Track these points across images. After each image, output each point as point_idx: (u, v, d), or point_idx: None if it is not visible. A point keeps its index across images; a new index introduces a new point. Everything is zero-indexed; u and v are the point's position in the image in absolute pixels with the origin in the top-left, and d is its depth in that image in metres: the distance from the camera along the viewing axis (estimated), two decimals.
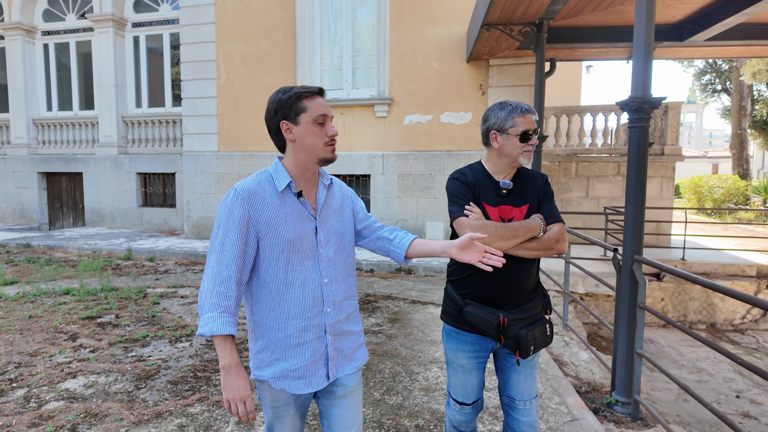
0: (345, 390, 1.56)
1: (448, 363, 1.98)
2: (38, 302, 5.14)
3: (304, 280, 1.47)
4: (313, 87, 1.48)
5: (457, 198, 1.85)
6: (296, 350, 1.47)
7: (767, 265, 7.02)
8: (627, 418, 3.06)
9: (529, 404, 1.90)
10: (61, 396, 3.08)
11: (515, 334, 1.77)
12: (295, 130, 1.45)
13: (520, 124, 1.80)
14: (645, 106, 3.02)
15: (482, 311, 1.79)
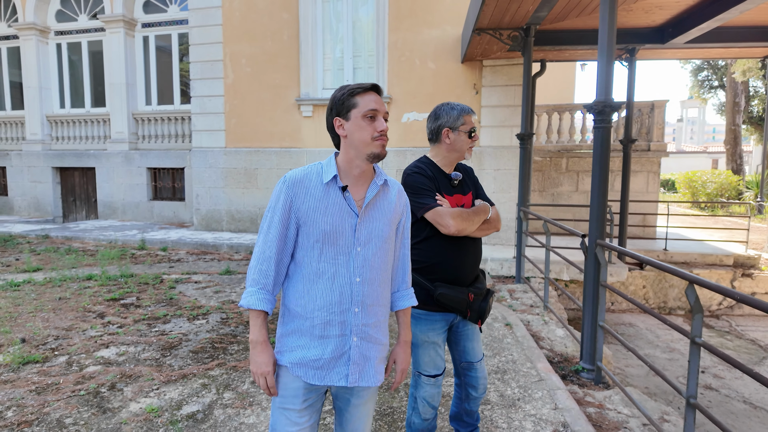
0: (360, 399, 1.57)
1: (419, 345, 2.09)
2: (65, 286, 5.61)
3: (334, 273, 1.47)
4: (367, 83, 1.49)
5: (425, 190, 2.03)
6: (319, 341, 1.48)
7: (744, 255, 7.44)
8: (591, 383, 3.50)
9: (482, 362, 2.23)
10: (98, 362, 3.55)
11: (478, 307, 2.07)
12: (346, 125, 1.48)
13: (468, 123, 2.08)
14: (606, 109, 3.45)
15: (454, 291, 2.01)
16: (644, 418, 2.91)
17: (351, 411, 1.58)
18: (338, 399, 1.60)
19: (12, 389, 3.10)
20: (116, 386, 3.16)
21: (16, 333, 4.09)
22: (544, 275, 5.27)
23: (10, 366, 3.45)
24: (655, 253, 7.49)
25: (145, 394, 3.05)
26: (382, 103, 1.49)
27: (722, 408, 4.37)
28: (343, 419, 1.60)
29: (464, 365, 2.20)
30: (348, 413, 1.58)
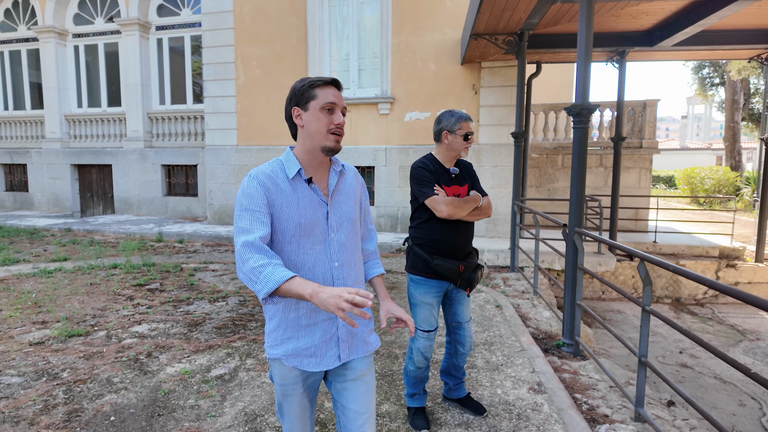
0: (356, 373, 1.58)
1: (416, 305, 2.58)
2: (93, 273, 6.10)
3: (314, 262, 1.50)
4: (327, 77, 1.52)
5: (426, 182, 2.49)
6: (307, 330, 1.52)
7: (729, 246, 7.82)
8: (570, 355, 3.93)
9: (469, 323, 2.70)
10: (134, 335, 4.03)
11: (468, 277, 2.56)
12: (304, 116, 1.50)
13: (464, 128, 2.51)
14: (584, 111, 3.88)
15: (447, 262, 2.48)
16: (611, 382, 3.35)
17: (348, 390, 1.58)
18: (333, 386, 1.62)
19: (63, 356, 3.59)
20: (152, 354, 3.64)
21: (58, 312, 4.58)
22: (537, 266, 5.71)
23: (58, 338, 3.93)
24: (644, 245, 7.89)
25: (178, 361, 3.53)
26: (341, 98, 1.53)
27: (694, 383, 4.80)
28: (346, 399, 1.58)
29: (454, 324, 2.68)
30: (345, 399, 1.58)
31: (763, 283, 7.42)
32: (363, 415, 1.57)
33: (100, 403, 2.91)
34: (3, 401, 2.91)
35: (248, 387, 3.11)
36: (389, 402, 2.93)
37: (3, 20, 12.74)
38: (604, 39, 7.36)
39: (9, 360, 3.50)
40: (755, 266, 7.52)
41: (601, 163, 9.22)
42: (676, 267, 2.38)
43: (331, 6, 8.95)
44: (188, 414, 2.79)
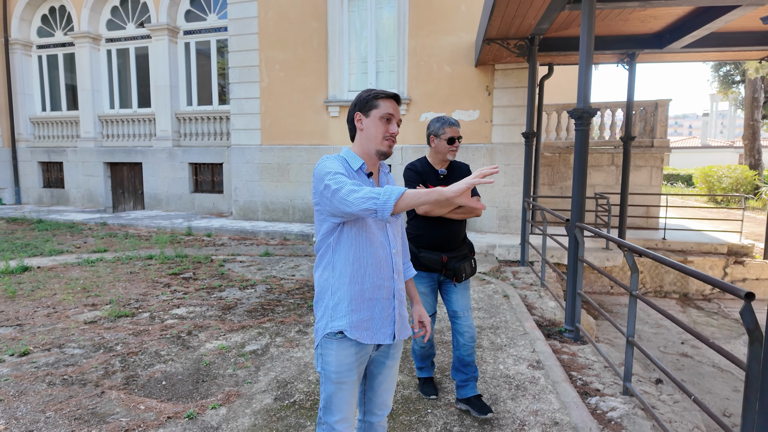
0: (393, 361, 1.80)
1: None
2: (131, 264, 6.63)
3: (380, 244, 1.69)
4: (390, 92, 1.72)
5: (410, 181, 2.73)
6: (369, 303, 1.67)
7: (738, 243, 7.98)
8: (571, 340, 4.26)
9: (467, 313, 2.81)
10: (174, 317, 4.49)
11: (453, 267, 2.71)
12: (365, 121, 1.71)
13: (448, 133, 2.67)
14: (585, 115, 4.18)
15: (431, 254, 2.72)
16: (606, 363, 3.67)
17: (384, 373, 1.79)
18: (373, 364, 1.78)
19: (115, 332, 4.06)
20: (192, 333, 4.09)
21: (105, 296, 5.08)
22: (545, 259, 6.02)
23: (108, 318, 4.42)
24: (654, 242, 8.10)
25: (215, 338, 3.97)
26: (399, 110, 1.74)
27: (692, 370, 5.06)
28: (375, 382, 1.80)
29: (451, 314, 2.86)
30: (381, 375, 1.79)
31: None
32: (389, 391, 1.84)
33: (151, 371, 3.36)
34: (70, 368, 3.39)
35: (278, 360, 3.53)
36: (402, 374, 3.31)
37: (40, 26, 13.48)
38: (614, 42, 7.59)
39: (69, 335, 3.99)
40: (763, 263, 7.67)
41: (612, 161, 9.43)
42: (655, 255, 2.70)
43: (351, 11, 9.35)
44: (228, 381, 3.22)
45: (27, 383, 3.14)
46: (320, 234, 1.70)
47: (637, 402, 3.03)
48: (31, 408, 2.83)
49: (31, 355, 3.58)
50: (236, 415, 2.77)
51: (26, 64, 13.49)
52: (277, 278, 5.91)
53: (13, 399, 2.93)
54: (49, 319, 4.38)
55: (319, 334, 1.70)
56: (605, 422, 2.79)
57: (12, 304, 4.78)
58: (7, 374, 3.26)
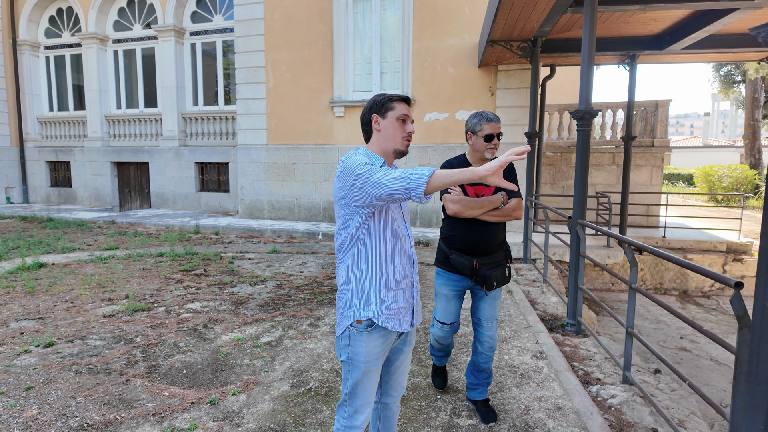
0: (410, 347, 1.95)
1: (437, 294, 2.70)
2: (143, 260, 6.79)
3: (403, 236, 1.81)
4: (402, 95, 1.84)
5: None
6: (396, 293, 1.77)
7: (737, 242, 8.12)
8: (573, 333, 4.40)
9: (491, 323, 2.67)
10: (189, 311, 4.65)
11: (483, 274, 2.51)
12: (382, 122, 1.81)
13: (486, 129, 2.50)
14: (586, 116, 4.33)
15: (462, 257, 2.55)
16: (607, 354, 3.82)
17: (401, 358, 1.93)
18: (392, 351, 1.91)
19: (134, 325, 4.22)
20: (208, 326, 4.25)
21: (120, 291, 5.24)
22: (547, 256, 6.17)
23: (126, 312, 4.58)
24: (654, 240, 8.24)
25: (230, 331, 4.13)
26: (410, 112, 1.86)
27: (691, 363, 5.21)
28: (392, 367, 1.93)
29: (475, 320, 2.72)
30: (398, 360, 1.92)
31: None
32: (405, 374, 1.98)
33: (172, 361, 3.51)
34: (94, 358, 3.55)
35: (293, 351, 3.69)
36: (412, 363, 3.47)
37: (48, 27, 13.65)
38: (615, 43, 7.73)
39: (90, 328, 4.15)
40: None
41: (614, 161, 9.57)
42: (652, 249, 2.85)
43: (356, 13, 9.49)
44: (245, 369, 3.37)
45: (55, 372, 3.30)
46: (346, 229, 1.75)
47: (636, 390, 3.18)
48: (62, 394, 2.99)
49: (55, 346, 3.74)
50: (255, 401, 2.93)
51: (34, 64, 13.66)
52: (286, 275, 6.06)
53: (44, 386, 3.09)
54: (68, 312, 4.54)
55: (344, 323, 1.77)
56: (605, 408, 2.94)
57: (32, 298, 4.95)
58: (35, 363, 3.42)
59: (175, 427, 2.63)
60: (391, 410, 2.03)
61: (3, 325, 4.17)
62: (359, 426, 1.80)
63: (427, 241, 8.04)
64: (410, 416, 2.76)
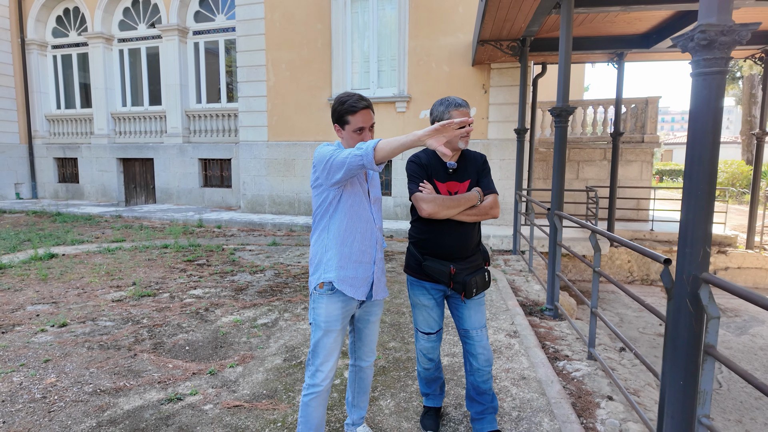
0: (375, 317, 2.21)
1: (413, 306, 2.43)
2: (148, 252, 7.12)
3: (366, 219, 2.06)
4: (360, 103, 1.97)
5: (414, 177, 2.29)
6: (355, 265, 2.02)
7: (722, 234, 8.37)
8: (550, 317, 4.69)
9: (480, 332, 2.34)
10: (191, 297, 4.97)
11: (462, 280, 2.24)
12: (342, 133, 2.04)
13: (455, 116, 2.18)
14: (563, 113, 4.60)
15: (437, 264, 2.26)
16: (578, 335, 4.11)
17: (369, 327, 2.21)
18: (359, 321, 2.19)
19: (140, 309, 4.54)
20: (209, 309, 4.57)
21: (127, 279, 5.57)
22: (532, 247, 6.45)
23: (133, 297, 4.90)
24: (642, 233, 8.49)
25: (230, 314, 4.44)
26: (371, 117, 2.01)
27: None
28: (362, 334, 2.22)
29: (462, 332, 2.39)
30: (366, 329, 2.21)
31: (752, 268, 7.95)
32: (373, 342, 2.27)
33: (175, 339, 3.83)
34: (104, 336, 3.87)
35: (287, 331, 4.00)
36: (395, 341, 3.77)
37: (55, 26, 13.99)
38: (603, 42, 7.98)
39: (100, 311, 4.48)
40: (745, 252, 8.05)
41: (604, 156, 9.82)
42: (610, 234, 3.14)
43: (354, 13, 9.77)
44: (243, 346, 3.69)
45: (69, 347, 3.62)
46: (318, 207, 2.05)
47: (599, 365, 3.47)
48: (77, 366, 3.31)
49: (69, 326, 4.06)
50: (251, 372, 3.24)
51: (42, 63, 14.01)
52: (284, 265, 6.37)
53: (60, 359, 3.42)
54: (80, 297, 4.87)
55: (312, 286, 2.06)
56: (569, 379, 3.24)
57: (45, 285, 5.28)
58: (51, 341, 3.75)
59: (178, 392, 2.94)
60: (365, 372, 2.31)
61: (20, 308, 4.51)
62: (319, 383, 2.04)
63: None
64: (389, 384, 3.06)
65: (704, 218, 2.04)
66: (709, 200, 2.04)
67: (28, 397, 2.87)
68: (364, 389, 2.34)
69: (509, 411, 2.74)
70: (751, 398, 4.34)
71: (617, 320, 6.40)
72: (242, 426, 2.59)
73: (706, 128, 1.96)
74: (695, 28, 1.91)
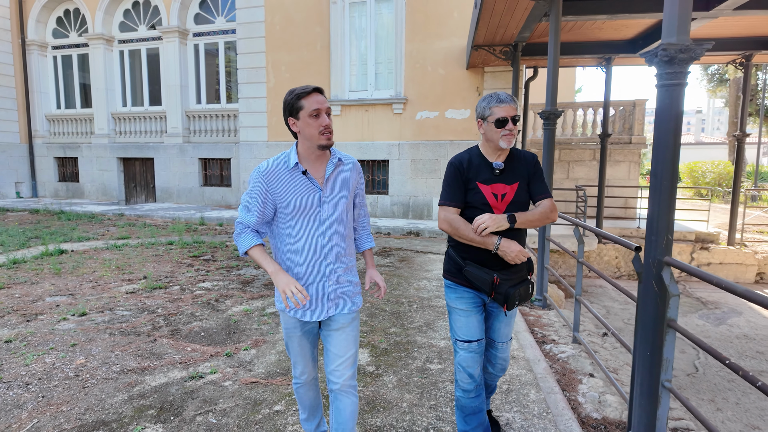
0: (338, 325, 1.97)
1: (451, 312, 2.25)
2: (154, 248, 7.37)
3: (308, 236, 1.88)
4: (309, 87, 1.82)
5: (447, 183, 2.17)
6: (305, 288, 1.88)
7: (705, 231, 8.74)
8: (540, 307, 5.01)
9: (506, 344, 2.33)
10: (201, 289, 5.24)
11: (505, 291, 2.07)
12: (298, 123, 1.83)
13: (497, 113, 2.06)
14: (551, 116, 4.91)
15: (479, 271, 2.09)
16: (564, 322, 4.43)
17: (333, 342, 1.99)
18: (323, 329, 2.04)
19: (154, 300, 4.81)
20: (219, 300, 4.84)
21: (138, 273, 5.83)
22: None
23: (145, 290, 5.17)
24: (629, 230, 8.85)
25: (239, 304, 4.72)
26: (325, 101, 1.85)
27: None
28: (327, 348, 2.01)
29: (488, 341, 2.33)
30: (329, 344, 2.00)
31: (732, 263, 8.33)
32: (340, 357, 1.97)
33: (191, 326, 4.11)
34: (124, 323, 4.14)
35: None
36: (395, 327, 4.08)
37: (55, 27, 14.17)
38: (592, 47, 8.32)
39: (116, 302, 4.74)
40: (726, 249, 8.43)
41: (594, 157, 10.17)
42: (590, 227, 3.45)
43: (352, 16, 10.06)
44: (254, 332, 3.97)
45: (92, 333, 3.89)
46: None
47: (583, 348, 3.79)
48: (102, 349, 3.58)
49: (89, 315, 4.33)
50: (264, 354, 3.53)
51: (42, 63, 14.18)
52: None
53: (85, 343, 3.69)
54: (95, 290, 5.13)
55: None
56: (554, 360, 3.55)
57: (60, 278, 5.53)
58: (74, 328, 4.01)
59: (198, 371, 3.23)
60: (340, 401, 1.98)
61: (39, 300, 4.76)
62: (298, 376, 2.11)
63: (417, 231, 8.64)
64: (391, 363, 3.36)
65: (667, 210, 2.35)
66: (671, 194, 2.34)
67: (62, 375, 3.14)
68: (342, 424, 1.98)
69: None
70: (724, 381, 4.68)
71: (604, 312, 6.74)
72: (260, 398, 2.87)
73: (669, 132, 2.26)
74: (658, 46, 2.22)
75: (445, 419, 2.66)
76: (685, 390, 4.54)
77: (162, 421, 2.63)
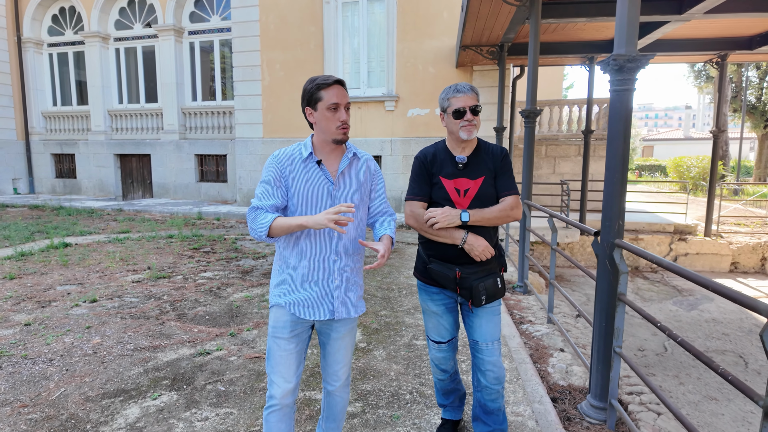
0: (339, 334, 1.89)
1: (423, 311, 2.25)
2: (155, 241, 7.65)
3: (314, 232, 1.77)
4: (331, 78, 1.73)
5: (414, 177, 2.14)
6: (307, 285, 1.80)
7: (683, 223, 9.14)
8: (521, 293, 5.37)
9: (491, 345, 2.09)
10: (203, 278, 5.55)
11: (468, 285, 2.00)
12: (315, 115, 1.76)
13: (454, 103, 2.00)
14: (531, 114, 5.26)
15: (442, 267, 2.04)
16: (542, 305, 4.79)
17: (331, 344, 1.90)
18: (321, 335, 1.92)
19: (159, 288, 5.12)
20: (221, 288, 5.16)
21: (142, 264, 6.13)
22: (508, 234, 7.13)
23: (150, 279, 5.47)
24: None
25: (240, 291, 5.04)
26: (345, 95, 1.76)
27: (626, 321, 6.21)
28: (326, 351, 1.92)
29: (471, 342, 2.17)
30: (329, 346, 1.90)
31: (708, 254, 8.74)
32: (339, 363, 1.93)
33: (196, 311, 4.43)
34: (133, 309, 4.45)
35: None
36: (386, 310, 4.42)
37: (51, 25, 14.31)
38: (576, 47, 8.66)
39: (124, 290, 5.04)
40: (703, 240, 8.84)
41: (579, 152, 10.55)
42: (564, 218, 3.80)
43: (345, 16, 10.34)
44: (255, 315, 4.30)
45: (105, 317, 4.20)
46: None
47: (556, 327, 4.15)
48: (115, 331, 3.89)
49: (99, 302, 4.63)
50: (265, 334, 3.85)
51: (38, 61, 14.33)
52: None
53: (99, 326, 3.99)
54: (102, 279, 5.43)
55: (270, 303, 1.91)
56: (529, 337, 3.91)
57: (68, 270, 5.82)
58: (87, 313, 4.32)
59: (206, 349, 3.55)
60: (333, 398, 2.00)
61: (51, 288, 5.06)
62: (275, 396, 1.82)
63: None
64: (381, 340, 3.70)
65: (618, 198, 2.70)
66: (622, 184, 2.69)
67: (81, 353, 3.46)
68: (332, 416, 2.04)
69: None
70: (689, 359, 5.06)
71: (584, 299, 7.13)
72: (263, 370, 3.20)
73: (619, 131, 2.61)
74: (610, 57, 2.56)
75: (427, 384, 3.01)
76: (653, 367, 4.93)
77: (176, 389, 2.96)
